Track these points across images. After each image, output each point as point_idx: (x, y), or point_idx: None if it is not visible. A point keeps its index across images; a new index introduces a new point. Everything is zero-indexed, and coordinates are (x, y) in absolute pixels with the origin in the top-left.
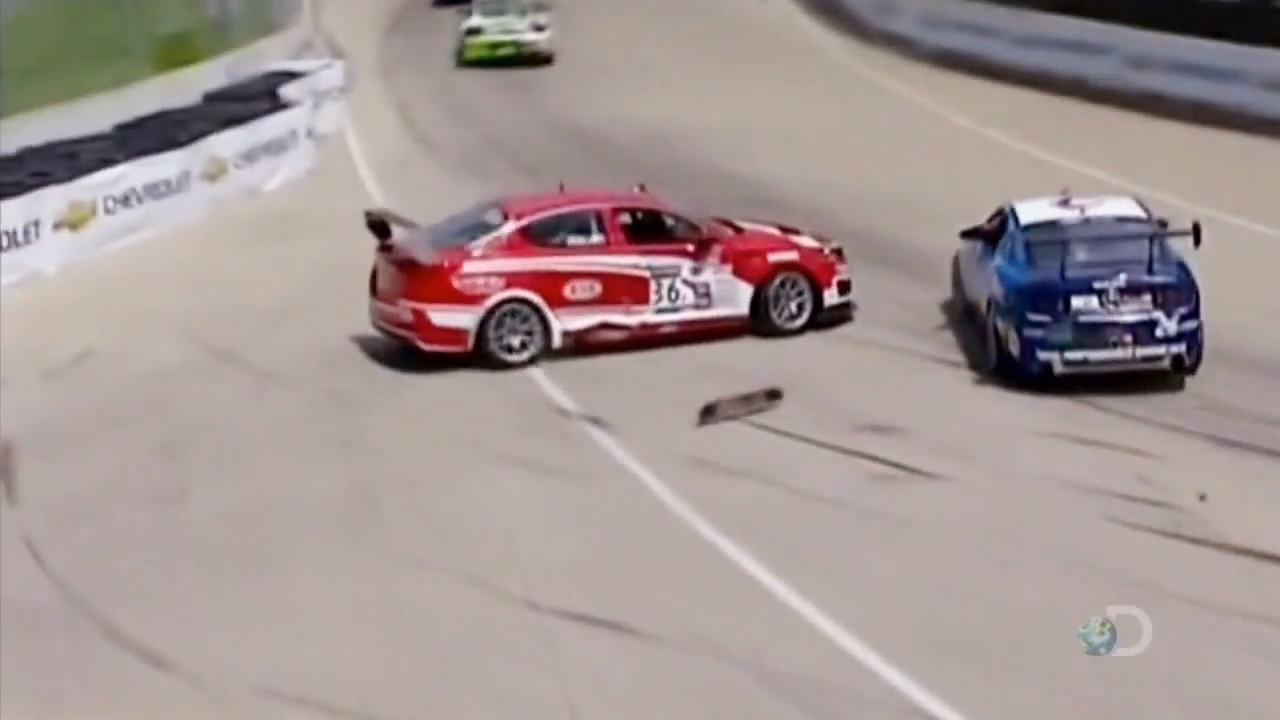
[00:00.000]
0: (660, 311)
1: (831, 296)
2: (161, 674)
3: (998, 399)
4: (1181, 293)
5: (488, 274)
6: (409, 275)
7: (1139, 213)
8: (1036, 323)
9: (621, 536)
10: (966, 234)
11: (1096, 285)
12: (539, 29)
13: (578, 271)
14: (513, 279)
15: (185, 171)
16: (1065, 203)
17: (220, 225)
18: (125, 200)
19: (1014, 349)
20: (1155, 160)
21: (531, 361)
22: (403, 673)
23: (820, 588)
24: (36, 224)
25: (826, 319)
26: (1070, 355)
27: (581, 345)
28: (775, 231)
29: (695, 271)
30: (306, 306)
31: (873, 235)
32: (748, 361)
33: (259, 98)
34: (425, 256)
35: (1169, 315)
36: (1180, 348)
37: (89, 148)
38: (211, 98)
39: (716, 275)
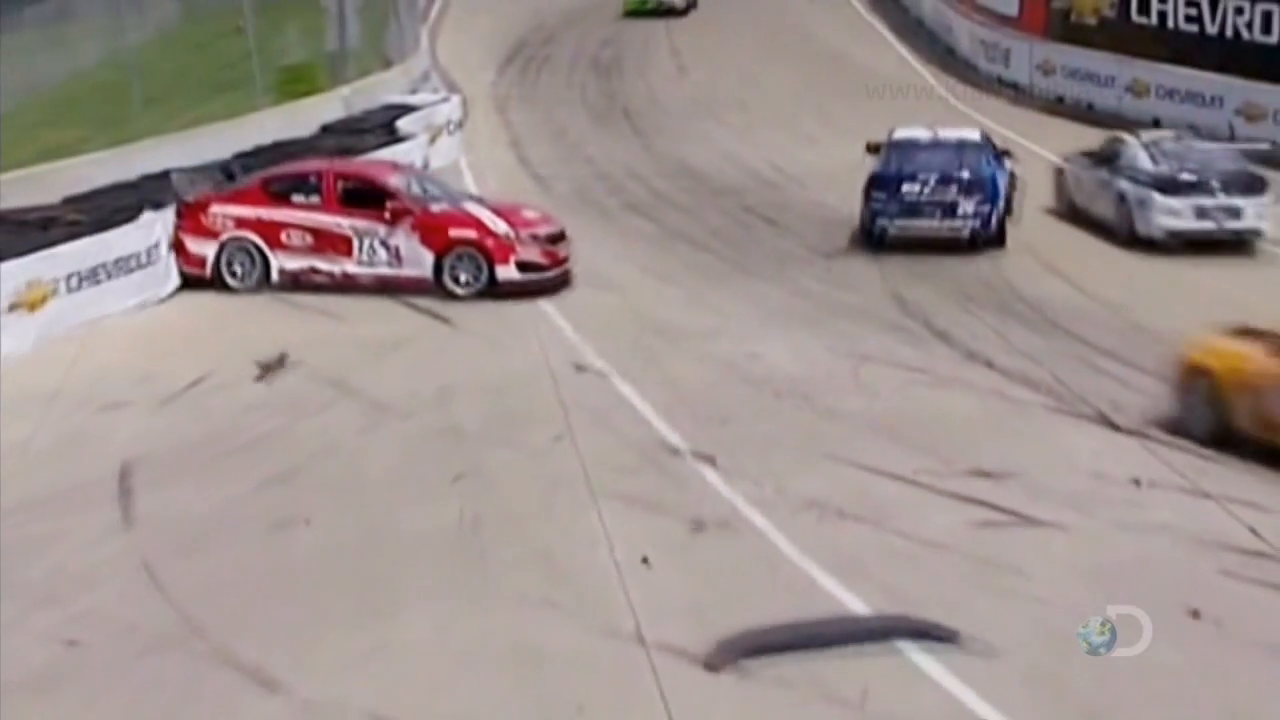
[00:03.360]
0: (360, 265)
1: (507, 272)
2: (274, 699)
3: (1111, 448)
4: (978, 186)
5: (225, 216)
6: (180, 210)
7: (977, 138)
8: (877, 200)
9: (730, 576)
10: (870, 149)
11: (920, 176)
12: None
13: (295, 223)
14: (242, 222)
15: None
16: (930, 128)
17: None
18: None
19: (864, 220)
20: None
21: (255, 289)
22: (509, 703)
23: None
24: (155, 246)
25: (502, 291)
26: (898, 224)
27: (298, 284)
28: (476, 210)
29: (389, 235)
30: (420, 337)
31: (985, 281)
32: (857, 408)
33: (375, 130)
34: (190, 196)
35: (968, 200)
36: (975, 223)
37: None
38: (328, 129)
39: (407, 241)
